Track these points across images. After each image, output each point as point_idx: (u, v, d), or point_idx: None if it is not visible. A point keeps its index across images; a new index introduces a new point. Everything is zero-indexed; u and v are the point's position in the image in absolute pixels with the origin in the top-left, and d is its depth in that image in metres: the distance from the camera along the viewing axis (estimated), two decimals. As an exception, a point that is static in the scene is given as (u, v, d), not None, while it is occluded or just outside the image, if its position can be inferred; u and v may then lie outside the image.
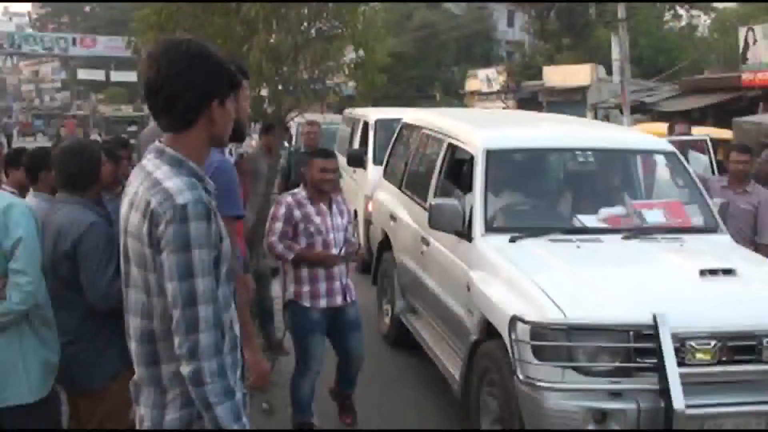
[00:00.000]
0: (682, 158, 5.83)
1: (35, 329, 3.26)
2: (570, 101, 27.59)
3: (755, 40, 18.86)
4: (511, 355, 4.03)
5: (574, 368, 3.87)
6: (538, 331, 3.92)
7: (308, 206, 4.94)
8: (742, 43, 19.43)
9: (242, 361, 2.41)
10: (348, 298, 5.02)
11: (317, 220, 4.92)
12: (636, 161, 6.12)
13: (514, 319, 4.03)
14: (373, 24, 11.55)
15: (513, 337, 4.00)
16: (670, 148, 5.89)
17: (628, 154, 6.06)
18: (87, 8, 71.88)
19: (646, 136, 6.70)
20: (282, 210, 4.95)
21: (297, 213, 4.92)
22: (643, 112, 22.69)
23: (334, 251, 4.94)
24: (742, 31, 19.60)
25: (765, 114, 17.74)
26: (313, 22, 11.61)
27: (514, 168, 5.79)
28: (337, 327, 5.01)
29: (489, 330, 4.48)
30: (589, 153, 5.85)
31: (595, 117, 23.11)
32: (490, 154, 5.34)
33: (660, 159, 6.07)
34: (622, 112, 21.42)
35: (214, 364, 2.05)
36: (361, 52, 11.77)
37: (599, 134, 6.42)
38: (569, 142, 5.95)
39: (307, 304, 4.90)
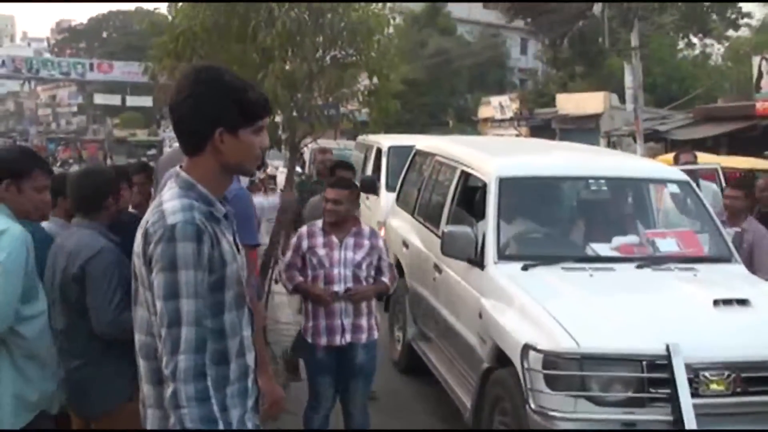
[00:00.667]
0: (695, 187, 5.83)
1: (14, 360, 3.12)
2: (583, 129, 27.60)
3: (769, 69, 18.88)
4: (523, 383, 4.02)
5: (587, 398, 3.85)
6: (551, 359, 3.90)
7: (319, 237, 4.79)
8: (756, 72, 19.46)
9: (257, 390, 2.38)
10: (354, 339, 4.73)
11: (321, 252, 4.74)
12: (649, 190, 6.13)
13: (526, 348, 4.02)
14: (387, 52, 11.69)
15: (525, 365, 3.99)
16: (684, 177, 5.90)
17: (641, 183, 6.07)
18: (104, 34, 72.83)
19: (659, 165, 6.74)
20: (294, 239, 4.90)
21: (304, 244, 4.80)
22: (656, 140, 22.69)
23: (336, 287, 4.69)
24: (756, 60, 19.66)
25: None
26: (328, 49, 11.75)
27: (526, 196, 5.81)
28: (341, 368, 4.79)
29: (501, 358, 4.47)
30: (602, 181, 5.88)
31: (609, 145, 23.13)
32: (503, 182, 5.38)
33: (673, 188, 6.06)
34: (635, 140, 21.43)
35: (192, 389, 2.01)
36: (375, 80, 11.92)
37: (612, 163, 6.45)
38: (582, 170, 5.99)
39: (309, 339, 4.78)
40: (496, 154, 6.35)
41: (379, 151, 11.10)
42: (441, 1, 41.21)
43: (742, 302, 4.40)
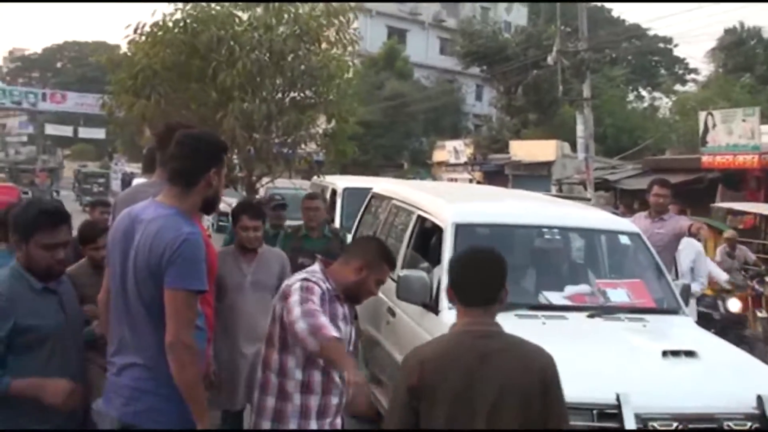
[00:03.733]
0: (645, 239, 5.95)
1: None
2: (535, 175, 28.11)
3: (714, 125, 19.52)
4: None
5: None
6: None
7: (338, 307, 3.55)
8: (702, 127, 20.07)
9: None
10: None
11: (342, 326, 3.50)
12: (601, 240, 6.21)
13: None
14: (346, 95, 11.83)
15: None
16: (635, 228, 6.03)
17: (593, 233, 6.11)
18: (59, 64, 72.10)
19: (611, 216, 6.84)
20: (314, 295, 3.41)
21: (326, 307, 3.46)
22: (606, 189, 23.21)
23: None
24: (702, 115, 20.28)
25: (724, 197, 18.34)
26: (288, 91, 11.88)
27: (481, 242, 5.88)
28: None
29: None
30: (556, 231, 5.95)
31: (560, 192, 23.55)
32: (459, 228, 5.38)
33: (624, 239, 6.15)
34: (585, 188, 21.89)
35: None
36: (333, 122, 12.05)
37: (566, 212, 6.52)
38: (537, 219, 6.04)
39: (295, 421, 3.56)
40: (453, 200, 6.39)
41: (334, 192, 11.16)
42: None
43: (690, 353, 4.45)
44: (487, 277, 2.89)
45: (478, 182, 30.03)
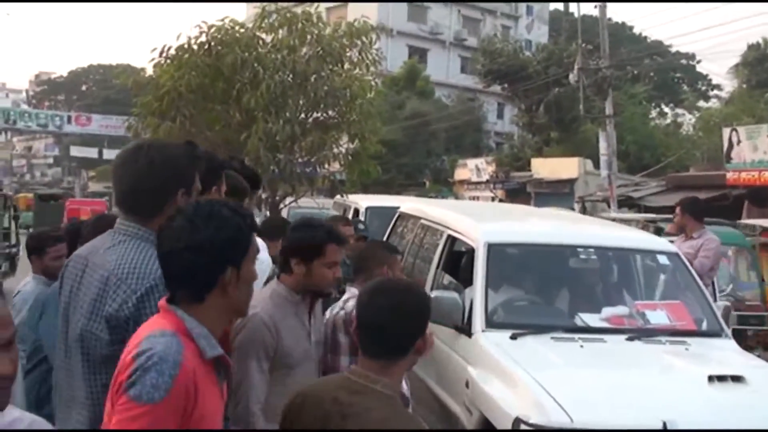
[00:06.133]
0: (684, 259, 5.74)
1: None
2: (558, 193, 27.98)
3: (739, 141, 19.34)
4: None
5: None
6: None
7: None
8: (726, 143, 19.90)
9: None
10: None
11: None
12: (637, 260, 6.00)
13: (517, 421, 3.82)
14: (368, 115, 11.88)
15: None
16: (673, 248, 5.82)
17: (630, 253, 5.90)
18: (84, 87, 73.07)
19: (648, 236, 6.62)
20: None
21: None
22: (629, 206, 23.03)
23: None
24: (726, 132, 20.12)
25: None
26: (311, 111, 11.96)
27: (515, 263, 5.65)
28: None
29: (488, 430, 4.26)
30: (592, 250, 5.69)
31: (583, 210, 23.40)
32: (492, 248, 5.20)
33: (663, 259, 5.90)
34: (609, 206, 21.73)
35: None
36: (356, 142, 12.09)
37: (602, 232, 6.32)
38: (571, 238, 5.83)
39: None
40: (485, 220, 6.26)
41: (357, 212, 11.14)
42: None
43: (737, 378, 4.23)
44: (398, 317, 2.24)
45: (501, 200, 29.93)
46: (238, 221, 2.05)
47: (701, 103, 44.50)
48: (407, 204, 8.30)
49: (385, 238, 7.87)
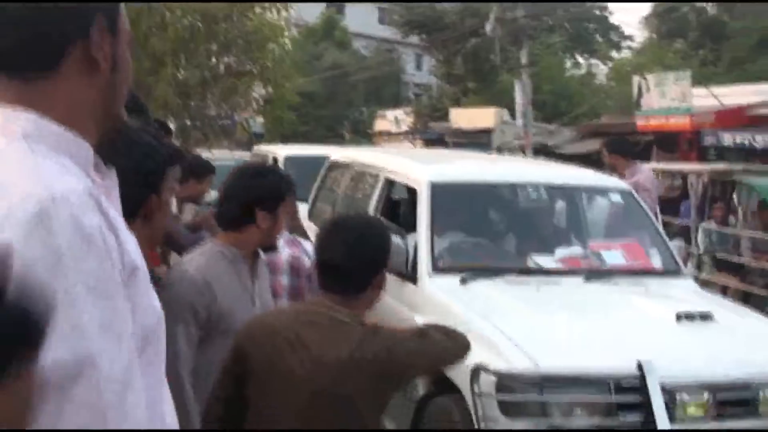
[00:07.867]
0: (638, 197, 5.52)
1: None
2: (476, 142, 28.20)
3: (648, 88, 19.84)
4: (472, 411, 3.50)
5: (548, 426, 3.41)
6: (506, 382, 3.43)
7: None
8: (635, 91, 20.41)
9: None
10: None
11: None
12: (590, 199, 5.75)
13: (477, 370, 3.47)
14: (282, 61, 11.70)
15: (475, 390, 3.47)
16: (626, 186, 5.62)
17: (582, 191, 5.64)
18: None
19: (599, 174, 6.23)
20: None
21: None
22: (545, 153, 23.48)
23: None
24: (636, 80, 20.62)
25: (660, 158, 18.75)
26: (222, 57, 11.69)
27: (460, 204, 5.29)
28: None
29: (441, 383, 3.83)
30: (542, 189, 5.41)
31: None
32: (436, 188, 4.87)
33: (615, 197, 5.65)
34: (524, 154, 22.13)
35: None
36: (269, 89, 11.91)
37: (551, 170, 6.01)
38: (520, 176, 5.49)
39: None
40: (425, 161, 5.92)
41: (275, 161, 11.04)
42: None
43: (705, 316, 4.02)
44: (353, 255, 2.21)
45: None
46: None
47: (614, 54, 45.44)
48: (339, 152, 7.85)
49: (314, 192, 7.31)
